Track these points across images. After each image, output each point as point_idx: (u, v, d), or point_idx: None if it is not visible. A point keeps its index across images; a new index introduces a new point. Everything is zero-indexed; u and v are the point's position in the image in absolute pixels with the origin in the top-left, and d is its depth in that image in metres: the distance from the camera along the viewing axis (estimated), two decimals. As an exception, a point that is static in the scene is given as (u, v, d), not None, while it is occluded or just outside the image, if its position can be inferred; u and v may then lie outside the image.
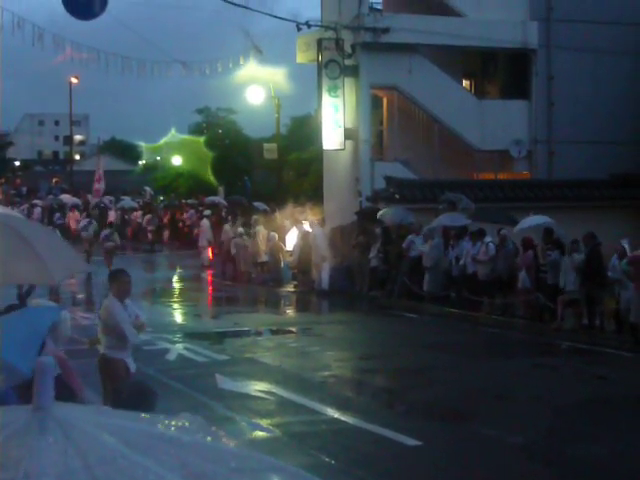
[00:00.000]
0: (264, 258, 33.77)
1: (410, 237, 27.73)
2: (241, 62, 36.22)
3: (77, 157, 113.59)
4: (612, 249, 21.58)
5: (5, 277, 7.25)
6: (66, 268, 7.16)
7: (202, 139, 62.15)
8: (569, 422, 13.68)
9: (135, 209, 55.17)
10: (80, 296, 30.17)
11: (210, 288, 33.73)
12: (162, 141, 66.23)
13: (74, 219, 51.67)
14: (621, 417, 14.19)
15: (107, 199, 61.24)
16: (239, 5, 30.98)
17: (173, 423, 2.52)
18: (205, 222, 41.78)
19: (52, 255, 6.63)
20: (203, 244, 40.43)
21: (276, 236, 33.16)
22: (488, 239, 25.24)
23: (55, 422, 2.18)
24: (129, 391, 5.40)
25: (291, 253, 32.70)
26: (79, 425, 2.19)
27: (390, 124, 36.53)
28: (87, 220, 41.78)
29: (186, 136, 64.97)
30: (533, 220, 24.87)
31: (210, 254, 40.14)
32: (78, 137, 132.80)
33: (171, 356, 18.76)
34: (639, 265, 19.76)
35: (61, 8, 22.06)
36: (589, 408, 14.62)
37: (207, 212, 44.68)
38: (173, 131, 66.20)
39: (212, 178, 60.11)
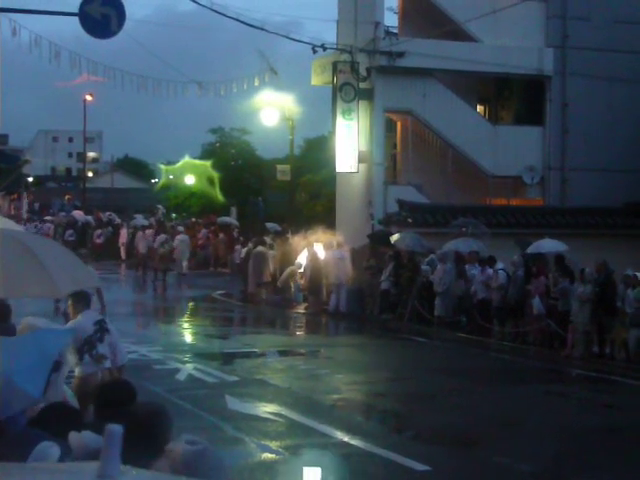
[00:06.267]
0: (268, 279, 34.02)
1: (426, 261, 27.75)
2: (256, 83, 36.30)
3: (90, 174, 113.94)
4: (620, 279, 21.59)
5: (11, 291, 7.27)
6: (73, 282, 7.16)
7: (208, 163, 62.33)
8: (578, 450, 13.65)
9: (147, 227, 55.06)
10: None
11: (220, 308, 33.67)
12: (178, 164, 66.66)
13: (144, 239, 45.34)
14: (629, 446, 14.15)
15: (116, 217, 61.43)
16: (256, 27, 31.12)
17: None
18: (183, 237, 44.46)
19: (59, 270, 6.62)
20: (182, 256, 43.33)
21: (302, 257, 33.09)
22: (499, 266, 25.24)
23: None
24: (144, 412, 5.38)
25: (302, 275, 32.76)
26: None
27: (404, 148, 36.59)
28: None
29: (197, 161, 65.25)
30: (547, 245, 25.00)
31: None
32: (91, 154, 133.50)
33: (181, 376, 18.75)
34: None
35: (79, 27, 22.16)
36: (598, 436, 14.58)
37: (180, 228, 47.74)
38: (187, 157, 66.55)
39: (220, 197, 60.26)
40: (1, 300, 10.84)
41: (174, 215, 65.45)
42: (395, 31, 36.52)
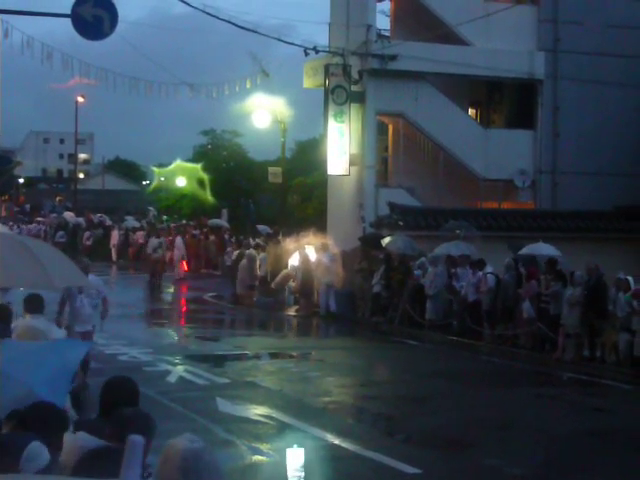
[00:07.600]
0: (255, 281, 34.09)
1: (417, 264, 27.75)
2: (248, 86, 36.31)
3: (81, 176, 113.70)
4: (612, 282, 21.58)
5: (9, 280, 7.42)
6: (65, 278, 7.30)
7: (199, 166, 62.45)
8: (568, 453, 13.66)
9: (138, 229, 54.95)
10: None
11: (211, 310, 33.63)
12: (171, 167, 66.81)
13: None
14: (620, 449, 14.17)
15: (108, 218, 61.45)
16: (249, 30, 31.12)
17: None
18: (179, 239, 44.72)
19: (53, 264, 6.72)
20: (177, 258, 43.46)
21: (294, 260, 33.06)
22: (488, 269, 25.24)
23: None
24: (131, 417, 5.37)
25: (293, 277, 32.72)
26: None
27: (395, 151, 36.60)
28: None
29: (188, 164, 65.36)
30: (540, 248, 25.04)
31: (184, 267, 44.35)
32: (82, 156, 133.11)
33: (172, 378, 18.73)
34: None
35: (71, 29, 22.10)
36: (589, 440, 14.61)
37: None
38: (179, 160, 66.68)
39: (211, 199, 60.36)
40: (3, 304, 10.90)
41: (165, 217, 65.43)
42: (387, 34, 36.53)
